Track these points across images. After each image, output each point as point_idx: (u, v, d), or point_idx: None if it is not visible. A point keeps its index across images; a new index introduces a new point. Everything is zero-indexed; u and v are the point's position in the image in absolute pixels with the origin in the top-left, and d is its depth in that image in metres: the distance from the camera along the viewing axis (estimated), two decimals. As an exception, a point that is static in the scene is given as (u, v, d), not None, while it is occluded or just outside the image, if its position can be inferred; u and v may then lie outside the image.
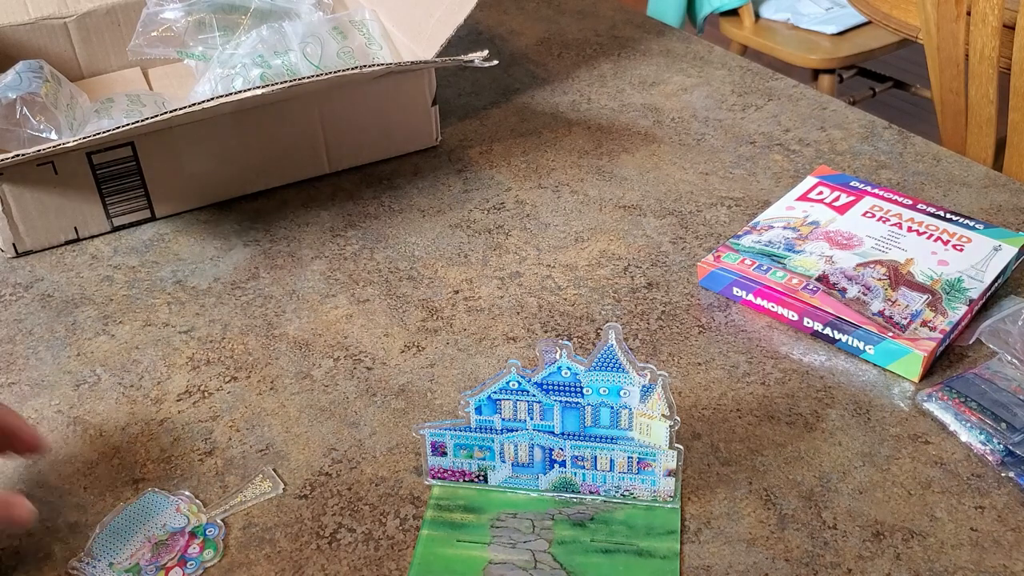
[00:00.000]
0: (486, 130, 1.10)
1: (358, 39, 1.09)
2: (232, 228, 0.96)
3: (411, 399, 0.75)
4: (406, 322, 0.83)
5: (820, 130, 1.07)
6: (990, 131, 1.34)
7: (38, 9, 1.12)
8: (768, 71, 1.20)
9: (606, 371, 0.61)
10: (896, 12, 1.53)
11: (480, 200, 0.98)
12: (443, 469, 0.67)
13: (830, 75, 2.23)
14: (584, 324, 0.82)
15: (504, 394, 0.63)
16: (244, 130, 0.96)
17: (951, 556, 0.62)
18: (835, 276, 0.81)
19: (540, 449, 0.65)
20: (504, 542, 0.63)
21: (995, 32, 1.23)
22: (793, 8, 2.32)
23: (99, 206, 0.94)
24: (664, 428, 0.62)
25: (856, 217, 0.87)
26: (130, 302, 0.87)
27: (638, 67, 1.22)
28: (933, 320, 0.76)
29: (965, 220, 0.87)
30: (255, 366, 0.79)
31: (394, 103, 1.02)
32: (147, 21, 1.10)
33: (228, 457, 0.71)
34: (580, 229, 0.93)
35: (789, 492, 0.66)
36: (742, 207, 0.95)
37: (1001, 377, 0.72)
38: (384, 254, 0.91)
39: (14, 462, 0.71)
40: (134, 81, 1.16)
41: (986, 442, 0.68)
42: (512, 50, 1.28)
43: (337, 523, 0.65)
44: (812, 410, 0.73)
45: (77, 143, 0.84)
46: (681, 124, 1.10)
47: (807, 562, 0.62)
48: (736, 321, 0.81)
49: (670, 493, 0.65)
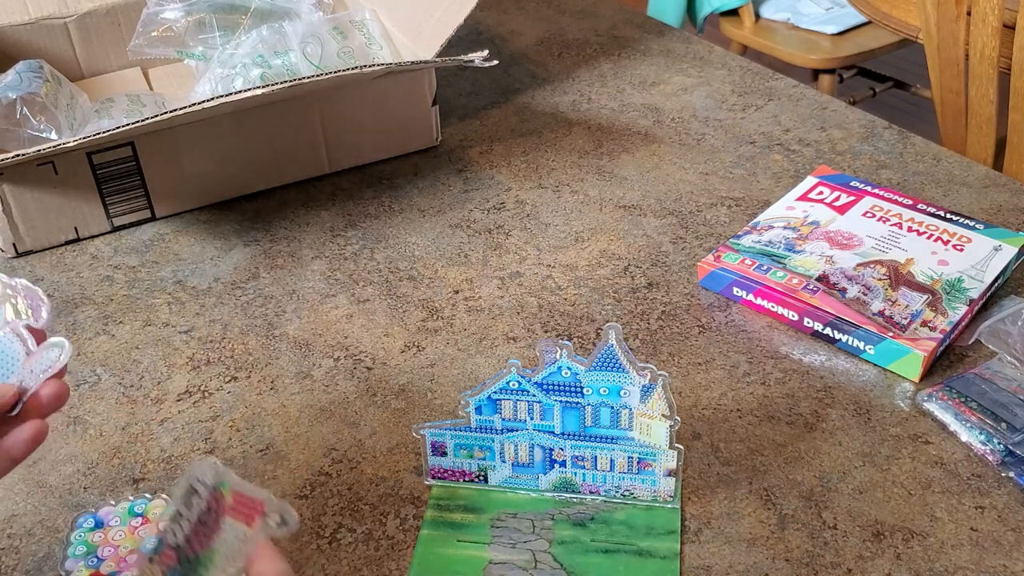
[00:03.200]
0: (486, 130, 1.10)
1: (358, 39, 1.09)
2: (232, 228, 0.96)
3: (411, 399, 0.75)
4: (406, 322, 0.83)
5: (820, 130, 1.07)
6: (990, 131, 1.34)
7: (38, 9, 1.12)
8: (768, 71, 1.20)
9: (606, 371, 0.61)
10: (896, 12, 1.53)
11: (480, 200, 0.98)
12: (443, 469, 0.67)
13: (830, 75, 2.23)
14: (584, 324, 0.82)
15: (504, 394, 0.63)
16: (244, 130, 0.96)
17: (951, 556, 0.62)
18: (835, 276, 0.80)
19: (540, 449, 0.65)
20: (504, 542, 0.63)
21: (995, 32, 1.23)
22: (793, 8, 2.31)
23: (99, 206, 0.94)
24: (664, 428, 0.62)
25: (856, 217, 0.87)
26: (130, 302, 0.87)
27: (638, 67, 1.22)
28: (933, 320, 0.76)
29: (965, 220, 0.87)
30: (255, 366, 0.79)
31: (394, 103, 1.02)
32: (147, 21, 1.10)
33: (228, 457, 0.71)
34: (580, 229, 0.93)
35: (789, 492, 0.66)
36: (742, 207, 0.95)
37: (1001, 377, 0.72)
38: (384, 254, 0.91)
39: (14, 462, 0.71)
40: (134, 81, 1.16)
41: (986, 442, 0.68)
42: (512, 50, 1.28)
43: (337, 523, 0.65)
44: (812, 410, 0.73)
45: (77, 143, 0.84)
46: (681, 124, 1.10)
47: (807, 562, 0.62)
48: (736, 321, 0.81)
49: (670, 493, 0.65)
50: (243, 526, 0.48)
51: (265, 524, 0.48)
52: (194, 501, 0.48)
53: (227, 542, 0.48)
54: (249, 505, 0.49)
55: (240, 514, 0.49)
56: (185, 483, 0.48)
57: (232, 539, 0.48)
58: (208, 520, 0.48)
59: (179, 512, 0.47)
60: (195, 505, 0.48)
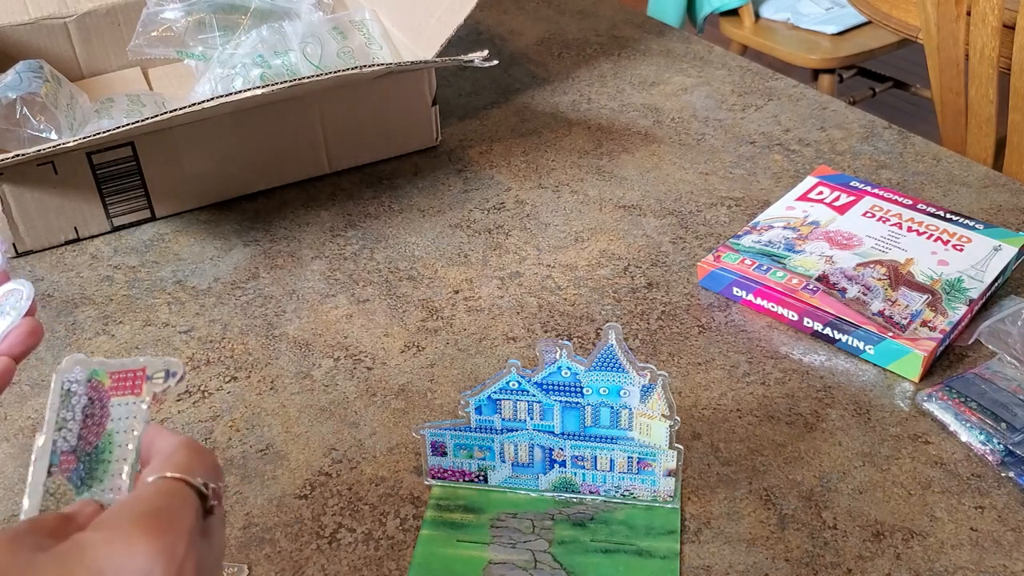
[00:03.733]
0: (486, 130, 1.10)
1: (358, 39, 1.09)
2: (232, 228, 0.96)
3: (411, 399, 0.75)
4: (406, 322, 0.83)
5: (820, 130, 1.07)
6: (990, 131, 1.34)
7: (38, 9, 1.12)
8: (768, 71, 1.20)
9: (606, 371, 0.61)
10: (896, 12, 1.53)
11: (480, 200, 0.98)
12: (443, 469, 0.67)
13: (830, 75, 2.23)
14: (584, 324, 0.82)
15: (504, 394, 0.63)
16: (244, 130, 0.96)
17: (951, 556, 0.62)
18: (835, 276, 0.80)
19: (540, 449, 0.65)
20: (504, 542, 0.63)
21: (995, 32, 1.23)
22: (793, 8, 2.31)
23: (99, 206, 0.94)
24: (664, 428, 0.62)
25: (856, 217, 0.87)
26: (130, 302, 0.87)
27: (638, 67, 1.22)
28: (933, 320, 0.76)
29: (965, 220, 0.87)
30: (255, 366, 0.79)
31: (394, 103, 1.02)
32: (147, 21, 1.10)
33: (228, 457, 0.71)
34: (580, 229, 0.93)
35: (789, 492, 0.66)
36: (742, 207, 0.95)
37: (1001, 377, 0.72)
38: (384, 254, 0.91)
39: (13, 461, 0.71)
40: (134, 81, 1.16)
41: (986, 442, 0.68)
42: (512, 50, 1.28)
43: (337, 523, 0.65)
44: (812, 410, 0.73)
45: (77, 143, 0.84)
46: (681, 124, 1.10)
47: (807, 562, 0.62)
48: (736, 321, 0.81)
49: (670, 493, 0.65)
50: (130, 397, 0.48)
51: (151, 384, 0.48)
52: (73, 401, 0.47)
53: (120, 419, 0.48)
54: (130, 378, 0.48)
55: (124, 389, 0.48)
56: (57, 387, 0.47)
57: (124, 414, 0.48)
58: (95, 411, 0.48)
59: (62, 417, 0.47)
60: (75, 404, 0.47)
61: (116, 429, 0.48)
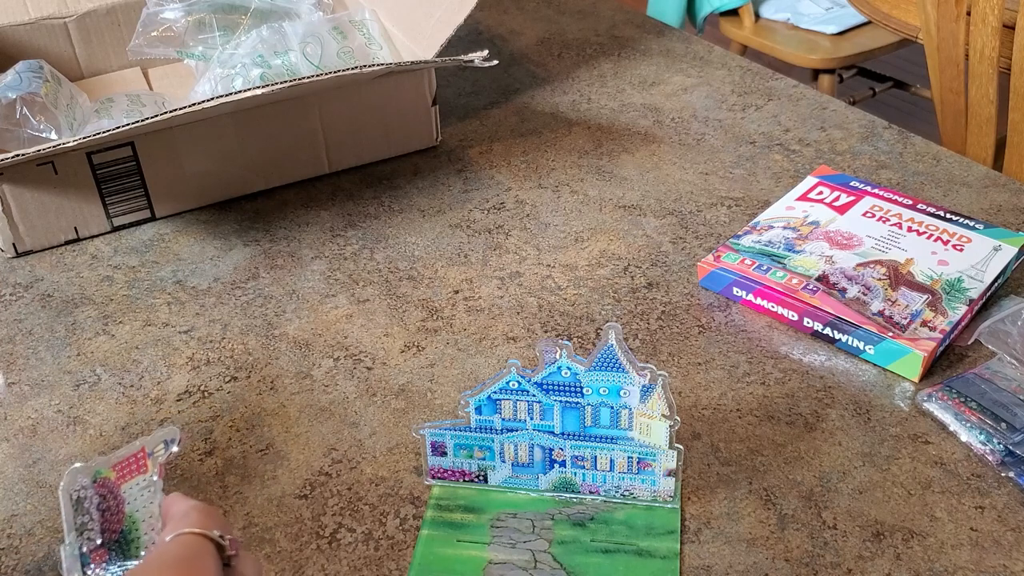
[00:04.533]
0: (486, 130, 1.10)
1: (358, 39, 1.09)
2: (232, 228, 0.96)
3: (411, 399, 0.75)
4: (406, 322, 0.83)
5: (820, 130, 1.07)
6: (990, 131, 1.34)
7: (38, 9, 1.12)
8: (768, 71, 1.20)
9: (606, 371, 0.61)
10: (896, 12, 1.53)
11: (480, 200, 0.98)
12: (443, 469, 0.67)
13: (830, 75, 2.23)
14: (584, 324, 0.82)
15: (504, 394, 0.63)
16: (244, 130, 0.96)
17: (951, 556, 0.62)
18: (835, 276, 0.80)
19: (540, 449, 0.65)
20: (504, 542, 0.63)
21: (995, 32, 1.23)
22: (793, 8, 2.31)
23: (99, 206, 0.94)
24: (664, 428, 0.62)
25: (856, 217, 0.87)
26: (130, 302, 0.87)
27: (638, 67, 1.22)
28: (933, 320, 0.76)
29: (965, 220, 0.87)
30: (255, 366, 0.79)
31: (394, 103, 1.02)
32: (147, 21, 1.10)
33: (228, 457, 0.71)
34: (580, 229, 0.93)
35: (789, 492, 0.66)
36: (742, 207, 0.95)
37: (1001, 377, 0.72)
38: (384, 254, 0.91)
39: (13, 462, 0.71)
40: (134, 81, 1.16)
41: (986, 442, 0.68)
42: (512, 50, 1.28)
43: (337, 523, 0.65)
44: (812, 410, 0.73)
45: (77, 143, 0.84)
46: (681, 124, 1.10)
47: (807, 562, 0.62)
48: (736, 321, 0.81)
49: (670, 493, 0.65)
50: (139, 477, 0.51)
51: (154, 459, 0.51)
52: (86, 505, 0.49)
53: (136, 500, 0.50)
54: (132, 462, 0.51)
55: (130, 474, 0.51)
56: (66, 500, 0.49)
57: (138, 494, 0.51)
58: (109, 504, 0.50)
59: (80, 523, 0.49)
60: (88, 507, 0.49)
61: (135, 508, 0.50)
